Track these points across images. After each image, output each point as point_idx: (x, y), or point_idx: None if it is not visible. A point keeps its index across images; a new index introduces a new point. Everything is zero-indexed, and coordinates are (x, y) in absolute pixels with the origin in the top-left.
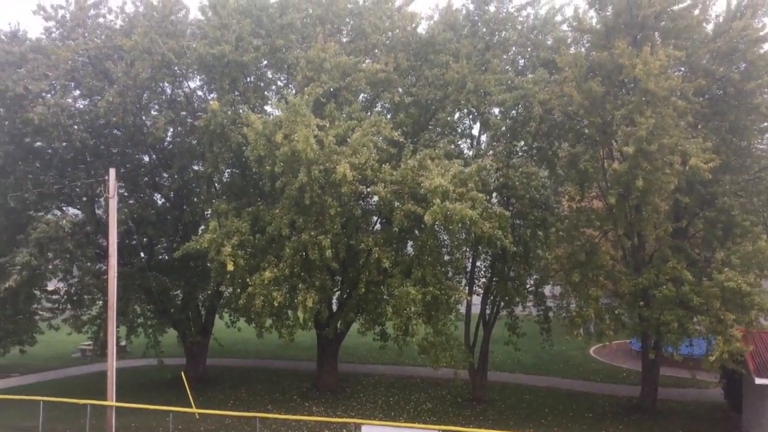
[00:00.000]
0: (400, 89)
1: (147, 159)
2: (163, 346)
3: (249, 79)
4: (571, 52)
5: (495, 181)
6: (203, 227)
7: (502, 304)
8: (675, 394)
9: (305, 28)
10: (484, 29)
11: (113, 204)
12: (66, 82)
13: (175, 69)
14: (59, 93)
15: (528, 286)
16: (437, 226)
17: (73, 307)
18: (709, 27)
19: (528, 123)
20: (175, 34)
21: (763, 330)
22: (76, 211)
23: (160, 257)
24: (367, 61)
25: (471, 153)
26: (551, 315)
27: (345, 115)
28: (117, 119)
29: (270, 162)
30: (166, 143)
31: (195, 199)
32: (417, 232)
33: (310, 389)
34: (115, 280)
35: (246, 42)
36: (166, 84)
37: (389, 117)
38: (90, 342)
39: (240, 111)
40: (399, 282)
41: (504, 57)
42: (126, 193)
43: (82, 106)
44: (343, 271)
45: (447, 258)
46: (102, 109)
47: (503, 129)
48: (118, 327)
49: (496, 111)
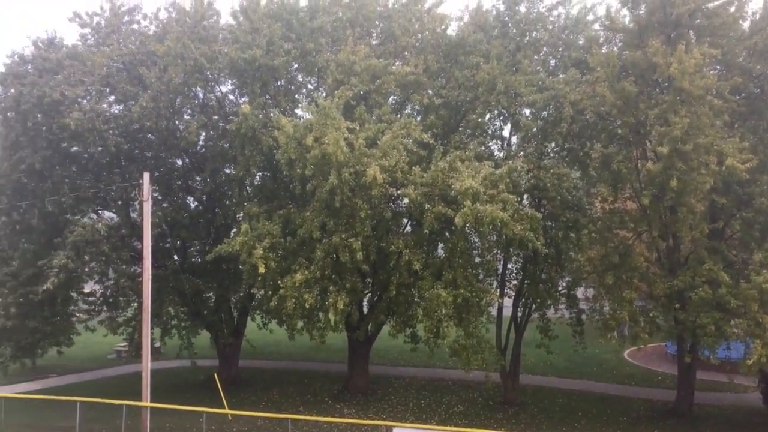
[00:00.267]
0: (430, 91)
1: (180, 163)
2: (197, 347)
3: (280, 83)
4: (603, 51)
5: (526, 183)
6: (235, 230)
7: (533, 306)
8: (712, 398)
9: (335, 31)
10: (514, 30)
11: (147, 207)
12: (101, 87)
13: (207, 74)
14: (95, 98)
15: (560, 288)
16: (468, 228)
17: (109, 309)
18: (746, 24)
19: (559, 124)
20: (207, 39)
21: None
22: (111, 215)
23: (193, 260)
24: (397, 64)
25: (502, 154)
26: (584, 318)
27: (375, 118)
28: (151, 124)
29: (301, 165)
30: (198, 147)
31: (227, 202)
32: (447, 234)
33: (341, 391)
34: (150, 282)
35: (277, 46)
36: (198, 88)
37: (419, 119)
38: (125, 343)
39: (271, 114)
40: (429, 284)
41: (535, 57)
42: (160, 197)
43: (116, 111)
44: (374, 274)
45: (478, 260)
46: (136, 114)
47: (534, 130)
48: (152, 328)
49: (526, 112)
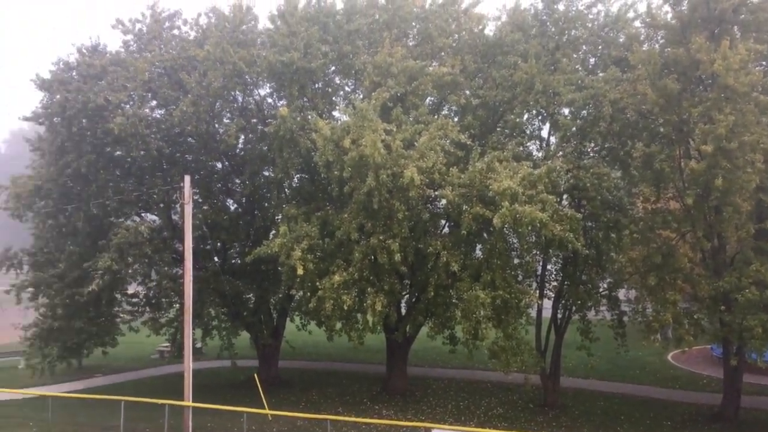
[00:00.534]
0: (467, 91)
1: (220, 165)
2: (237, 348)
3: (317, 86)
4: (644, 49)
5: (565, 183)
6: (274, 232)
7: (574, 308)
8: (759, 402)
9: (372, 33)
10: (553, 28)
11: (188, 210)
12: (143, 92)
13: (246, 77)
14: (137, 103)
15: (601, 289)
16: (506, 228)
17: (152, 310)
18: None
19: (598, 123)
20: (246, 43)
21: None
22: (154, 217)
23: (233, 261)
24: (434, 65)
25: (540, 154)
26: (626, 319)
27: (412, 119)
28: (191, 128)
29: (338, 167)
30: (237, 150)
31: (266, 204)
32: (486, 235)
33: (379, 392)
34: (191, 283)
35: (314, 49)
36: (237, 92)
37: (456, 120)
38: (168, 344)
39: (309, 117)
40: (468, 286)
41: (574, 56)
42: (200, 199)
43: (158, 115)
44: (412, 275)
45: (517, 261)
46: (177, 118)
47: (573, 129)
48: (194, 329)
49: (565, 111)
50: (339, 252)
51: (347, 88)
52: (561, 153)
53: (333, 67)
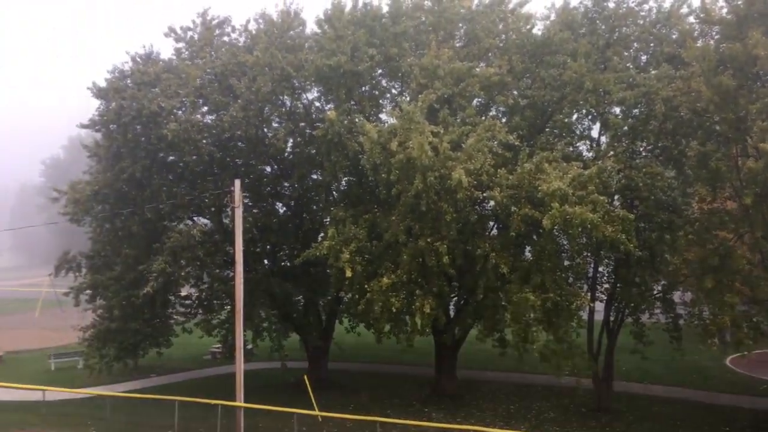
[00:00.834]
0: (515, 92)
1: (269, 169)
2: (287, 349)
3: (364, 89)
4: (699, 45)
5: (617, 183)
6: (322, 234)
7: (627, 310)
8: None
9: (418, 35)
10: (603, 26)
11: (239, 213)
12: (195, 99)
13: (294, 82)
14: (189, 109)
15: (655, 292)
16: (556, 230)
17: (204, 312)
18: None
19: (650, 121)
20: (294, 48)
21: None
22: (205, 221)
23: (282, 264)
24: (481, 65)
25: (590, 155)
26: (682, 323)
27: (459, 121)
28: (241, 132)
29: (386, 170)
30: (286, 153)
31: (314, 207)
32: (535, 236)
33: (429, 395)
34: (242, 286)
35: (361, 52)
36: (285, 96)
37: (504, 120)
38: (219, 345)
39: (356, 120)
40: (517, 288)
41: (625, 54)
42: (250, 203)
43: (209, 120)
44: (460, 277)
45: (567, 263)
46: (227, 123)
47: (624, 129)
48: (244, 331)
49: (616, 110)
50: (387, 254)
51: (394, 90)
52: (612, 153)
53: (380, 70)
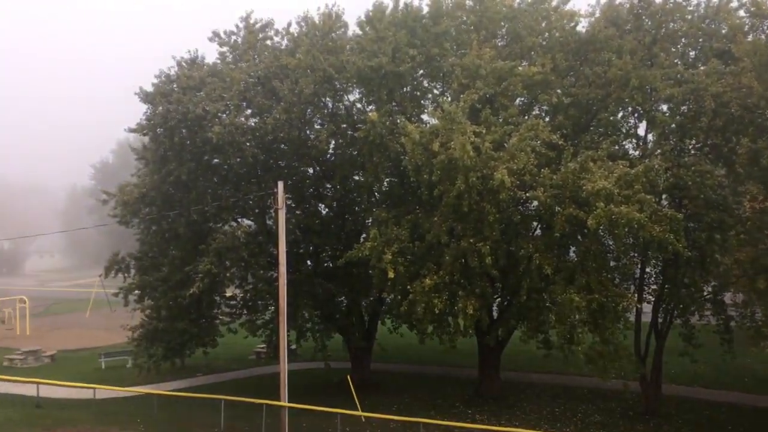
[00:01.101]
0: (558, 90)
1: (311, 171)
2: (330, 350)
3: (405, 89)
4: (749, 40)
5: (664, 182)
6: (365, 235)
7: (675, 312)
8: None
9: (459, 35)
10: (649, 22)
11: (282, 215)
12: (239, 102)
13: (336, 84)
14: (233, 113)
15: (705, 293)
16: (601, 230)
17: (249, 312)
18: None
19: (700, 118)
20: (335, 50)
21: None
22: (249, 222)
23: (325, 265)
24: (524, 64)
25: (637, 153)
26: (733, 325)
27: (501, 120)
28: (284, 134)
29: (427, 170)
30: (328, 155)
31: (356, 208)
32: (580, 237)
33: (472, 396)
34: (285, 286)
35: (402, 53)
36: (327, 98)
37: (547, 120)
38: (264, 345)
39: (397, 121)
40: (562, 289)
41: (672, 50)
42: (293, 204)
43: (253, 123)
44: (504, 278)
45: (613, 264)
46: (270, 126)
47: (672, 126)
48: (288, 331)
49: (663, 107)
50: (429, 255)
51: (435, 90)
52: (659, 151)
53: (421, 71)
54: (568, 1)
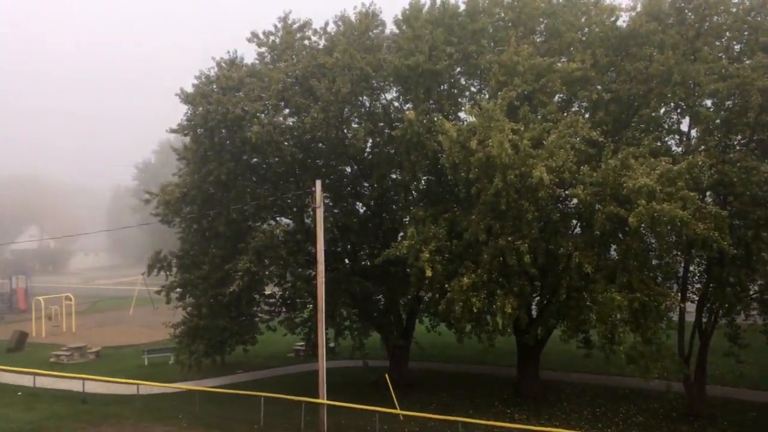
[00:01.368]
0: (598, 86)
1: (349, 170)
2: (368, 348)
3: (443, 87)
4: None
5: (709, 179)
6: (402, 234)
7: (720, 311)
8: None
9: (497, 32)
10: (692, 16)
11: (320, 213)
12: (277, 102)
13: (373, 82)
14: (271, 112)
15: (751, 292)
16: (643, 228)
17: (287, 310)
18: None
19: (746, 113)
20: (372, 48)
21: None
22: (288, 221)
23: (363, 263)
24: (563, 60)
25: (680, 149)
26: None
27: (540, 118)
28: (321, 133)
29: (465, 168)
30: (366, 154)
31: (394, 207)
32: (621, 235)
33: (511, 396)
34: (323, 285)
35: (439, 51)
36: (364, 97)
37: (587, 116)
38: (302, 343)
39: (435, 119)
40: (602, 288)
41: (716, 44)
42: (331, 203)
43: (291, 123)
44: (543, 277)
45: (655, 262)
46: (308, 125)
47: (717, 122)
48: (326, 329)
49: (707, 103)
50: (467, 254)
51: (473, 88)
52: (703, 147)
53: (458, 68)
54: None
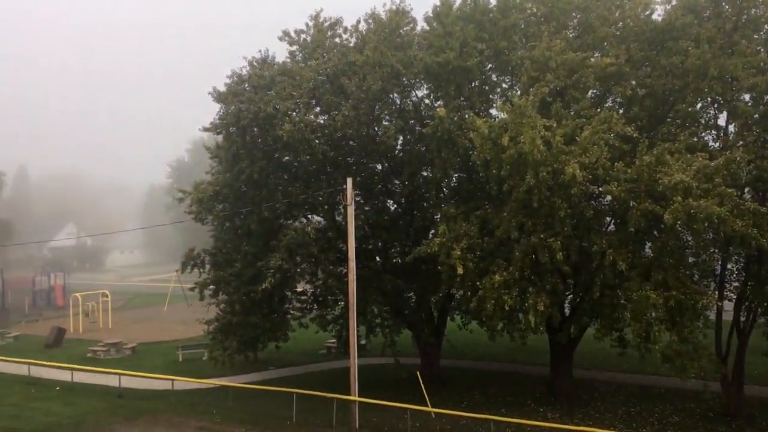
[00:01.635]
0: (633, 82)
1: (380, 167)
2: (399, 345)
3: (473, 84)
4: None
5: (747, 175)
6: (433, 231)
7: (759, 310)
8: None
9: (528, 27)
10: (729, 9)
11: (351, 211)
12: (308, 100)
13: (404, 79)
14: (303, 111)
15: None
16: (679, 225)
17: (319, 307)
18: None
19: None
20: (403, 46)
21: None
22: (319, 219)
23: (394, 261)
24: (596, 55)
25: (717, 145)
26: None
27: (573, 114)
28: (352, 131)
29: (496, 165)
30: (396, 151)
31: (425, 204)
32: (656, 232)
33: (544, 394)
34: (354, 282)
35: (470, 47)
36: (395, 94)
37: (621, 112)
38: (334, 340)
39: (466, 116)
40: (637, 286)
41: (755, 37)
42: (362, 201)
43: (322, 121)
44: (576, 275)
45: (692, 260)
46: (339, 123)
47: (755, 116)
48: (357, 327)
49: (746, 97)
50: (499, 251)
51: (504, 84)
52: (741, 142)
53: (489, 65)
54: None
